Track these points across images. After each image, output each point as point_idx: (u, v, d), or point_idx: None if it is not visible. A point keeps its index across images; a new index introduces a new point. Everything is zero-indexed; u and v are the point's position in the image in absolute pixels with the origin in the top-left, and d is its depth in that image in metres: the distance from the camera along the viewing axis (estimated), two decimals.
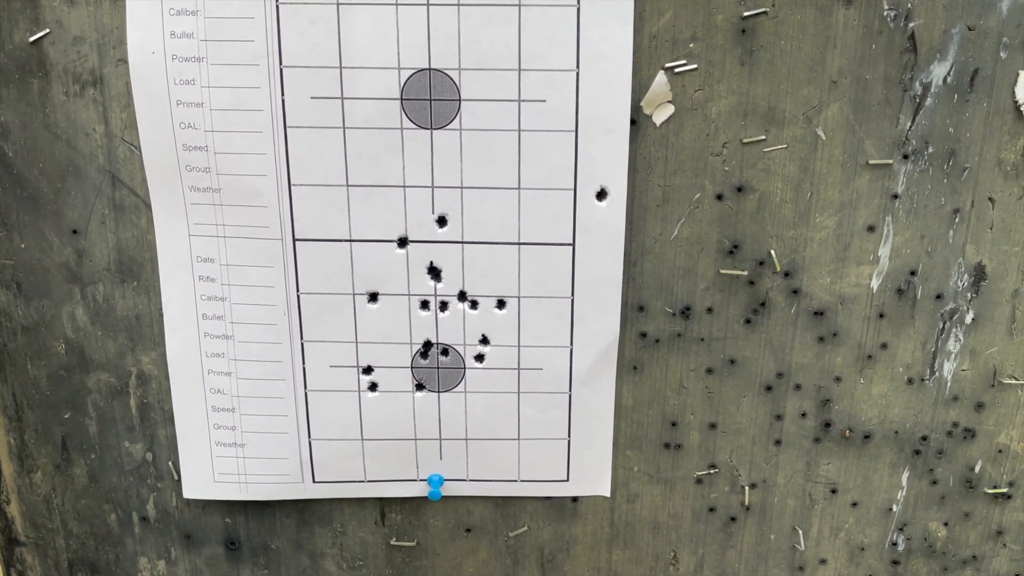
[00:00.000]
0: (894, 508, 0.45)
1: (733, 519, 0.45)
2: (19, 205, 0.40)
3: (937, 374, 0.42)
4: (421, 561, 0.47)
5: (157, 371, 0.43)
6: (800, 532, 0.45)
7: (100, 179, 0.40)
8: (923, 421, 0.43)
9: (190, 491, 0.44)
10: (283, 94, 0.37)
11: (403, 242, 0.40)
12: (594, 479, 0.44)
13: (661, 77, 0.38)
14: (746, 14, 0.37)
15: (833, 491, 0.45)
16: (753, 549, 0.46)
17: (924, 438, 0.44)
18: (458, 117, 0.38)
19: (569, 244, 0.40)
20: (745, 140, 0.39)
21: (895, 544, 0.46)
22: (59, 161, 0.39)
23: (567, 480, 0.44)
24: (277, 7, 0.36)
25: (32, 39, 0.38)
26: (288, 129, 0.38)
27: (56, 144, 0.39)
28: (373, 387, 0.42)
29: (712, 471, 0.44)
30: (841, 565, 0.46)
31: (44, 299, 0.42)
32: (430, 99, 0.38)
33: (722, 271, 0.41)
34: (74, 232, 0.40)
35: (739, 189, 0.39)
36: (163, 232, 0.40)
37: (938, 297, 0.41)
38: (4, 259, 0.41)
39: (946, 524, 0.45)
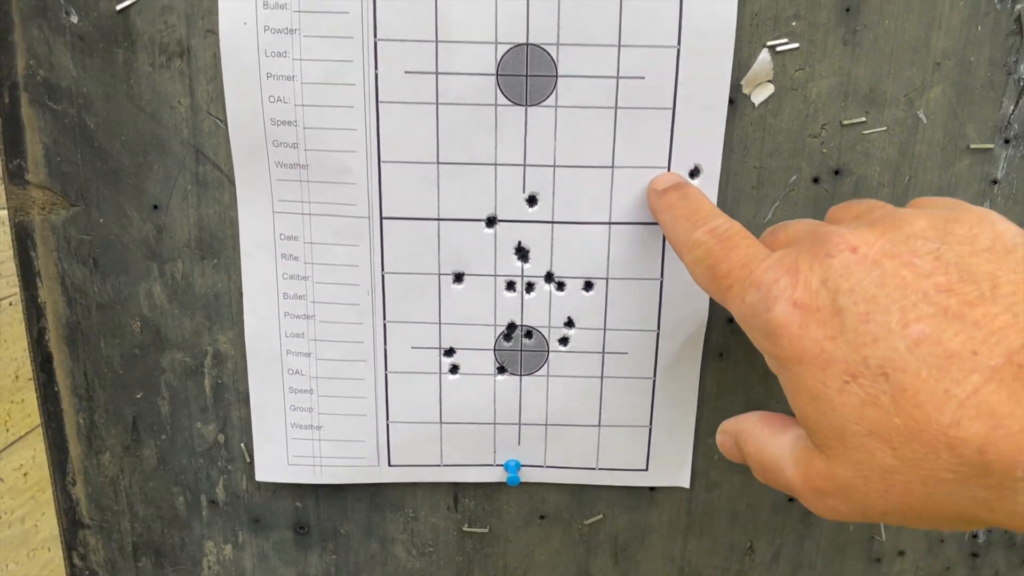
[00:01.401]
0: None
1: None
2: (99, 179, 0.39)
3: None
4: (492, 548, 0.46)
5: (234, 351, 0.42)
6: (881, 523, 0.45)
7: (183, 153, 0.39)
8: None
9: (263, 474, 0.43)
10: (376, 68, 0.37)
11: (491, 221, 0.39)
12: (674, 469, 0.44)
13: (764, 55, 0.37)
14: None
15: None
16: (831, 540, 0.45)
17: None
18: (554, 94, 0.37)
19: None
20: (845, 122, 0.38)
21: (975, 536, 0.45)
22: (142, 134, 0.39)
23: (646, 470, 0.43)
24: None
25: (119, 8, 0.37)
26: (380, 104, 0.37)
27: (139, 117, 0.38)
28: (454, 369, 0.41)
29: None
30: (919, 556, 0.46)
31: (121, 276, 0.41)
32: (526, 75, 0.37)
33: None
34: (155, 207, 0.40)
35: (836, 172, 0.39)
36: (246, 209, 0.39)
37: None
38: (82, 234, 0.40)
39: None
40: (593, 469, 0.43)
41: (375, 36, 0.36)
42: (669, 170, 0.38)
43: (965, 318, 0.24)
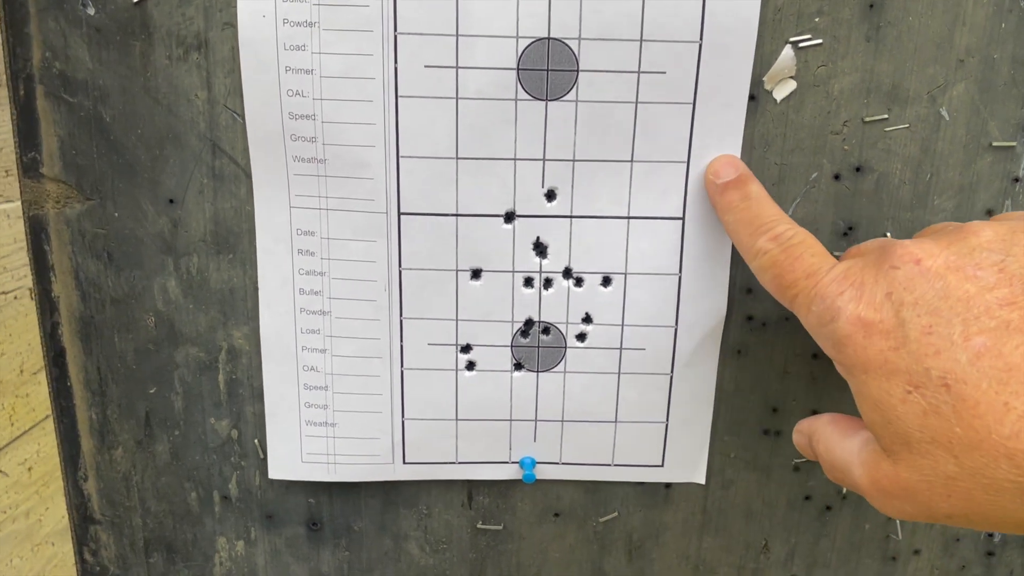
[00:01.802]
0: None
1: (828, 508, 0.44)
2: (115, 172, 0.39)
3: None
4: (506, 545, 0.46)
5: (248, 346, 0.42)
6: (897, 521, 0.45)
7: (200, 147, 0.38)
8: None
9: (276, 471, 0.43)
10: (396, 62, 0.36)
11: (510, 217, 0.39)
12: (690, 465, 0.43)
13: (788, 51, 0.37)
14: None
15: None
16: (847, 538, 0.45)
17: None
18: (575, 88, 0.37)
19: (679, 218, 0.39)
20: (867, 119, 0.38)
21: (991, 535, 0.45)
22: (158, 128, 0.38)
23: (662, 466, 0.43)
24: None
25: (136, 0, 0.36)
26: (400, 99, 0.37)
27: (156, 110, 0.38)
28: (471, 366, 0.41)
29: None
30: (935, 555, 0.46)
31: (136, 270, 0.40)
32: (547, 69, 0.36)
33: (836, 254, 0.39)
34: (170, 201, 0.39)
35: (857, 169, 0.38)
36: (263, 203, 0.39)
37: None
38: (97, 228, 0.40)
39: None
40: (608, 465, 0.43)
41: (395, 30, 0.36)
42: (688, 166, 0.38)
43: None
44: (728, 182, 0.36)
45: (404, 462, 0.43)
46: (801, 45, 0.37)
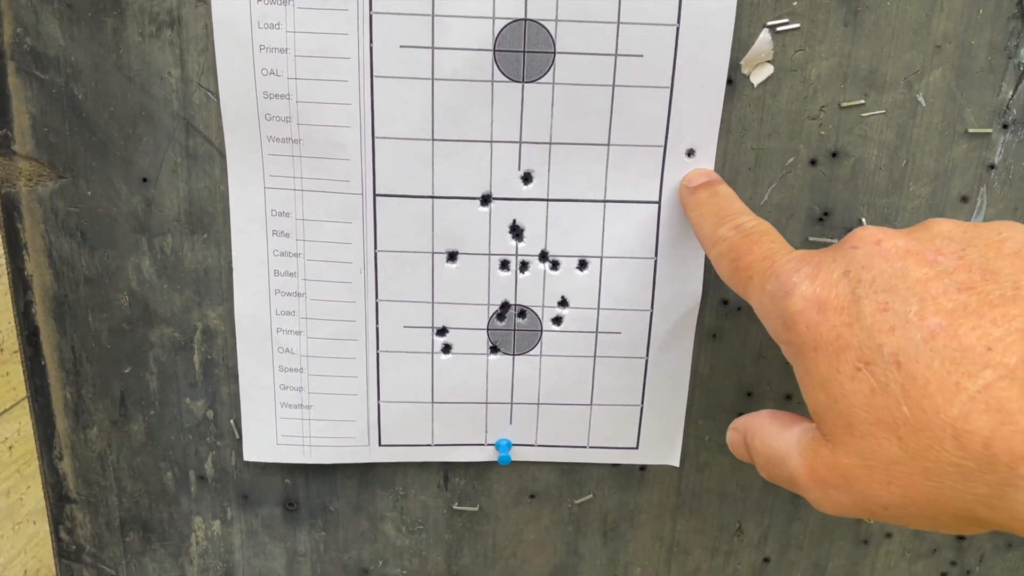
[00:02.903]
0: None
1: None
2: (87, 151, 0.39)
3: None
4: (482, 526, 0.46)
5: (224, 327, 0.41)
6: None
7: (173, 126, 0.38)
8: None
9: (251, 453, 0.43)
10: (371, 42, 0.36)
11: (486, 200, 0.39)
12: (664, 448, 0.44)
13: (765, 35, 0.36)
14: None
15: None
16: (819, 522, 0.46)
17: None
18: (551, 70, 0.37)
19: (655, 202, 0.39)
20: (844, 104, 0.38)
21: None
22: (131, 106, 0.38)
23: (636, 448, 0.43)
24: None
25: None
26: (375, 79, 0.37)
27: (129, 88, 0.38)
28: (447, 349, 0.41)
29: None
30: (907, 539, 0.46)
31: (109, 249, 0.40)
32: (524, 51, 0.36)
33: (811, 239, 0.40)
34: (144, 180, 0.39)
35: (834, 154, 0.38)
36: (237, 183, 0.39)
37: None
38: (69, 207, 0.39)
39: None
40: (584, 448, 0.43)
41: (370, 9, 0.35)
42: (665, 150, 0.38)
43: (983, 316, 0.25)
44: (700, 184, 0.37)
45: (380, 444, 0.43)
46: (779, 29, 0.37)
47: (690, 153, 0.38)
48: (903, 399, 0.25)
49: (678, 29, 0.36)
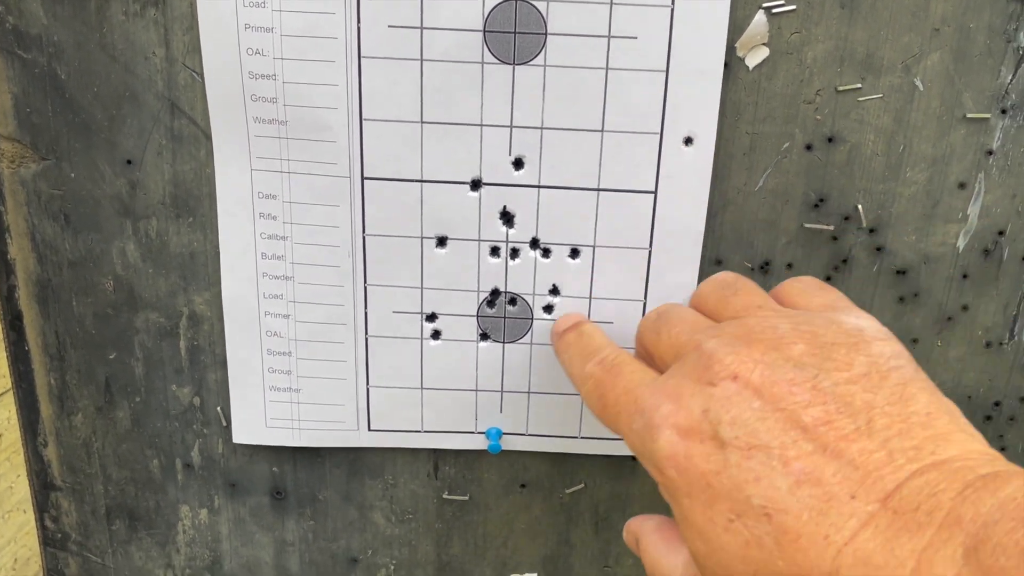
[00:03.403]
0: None
1: None
2: (70, 132, 0.38)
3: (1016, 338, 0.41)
4: (472, 516, 0.45)
5: (210, 312, 0.41)
6: None
7: (158, 107, 0.37)
8: (997, 386, 0.42)
9: (240, 436, 0.43)
10: (359, 21, 0.35)
11: (476, 184, 0.38)
12: None
13: (760, 17, 0.36)
14: None
15: None
16: None
17: (997, 403, 0.43)
18: (543, 52, 0.36)
19: (651, 192, 0.38)
20: (840, 88, 0.37)
21: None
22: (115, 86, 0.37)
23: None
24: None
25: None
26: (362, 59, 0.36)
27: (112, 68, 0.37)
28: (436, 335, 0.41)
29: None
30: None
31: (93, 233, 0.40)
32: (515, 31, 0.36)
33: (806, 225, 0.39)
34: (128, 162, 0.38)
35: (830, 139, 0.38)
36: (223, 166, 0.38)
37: None
38: (52, 189, 0.39)
39: None
40: (575, 438, 0.43)
41: None
42: (661, 138, 0.37)
43: (842, 456, 0.24)
44: (568, 327, 0.37)
45: (369, 429, 0.42)
46: (774, 11, 0.36)
47: (688, 141, 0.37)
48: (778, 553, 0.24)
49: (672, 10, 0.35)
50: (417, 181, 0.38)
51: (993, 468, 0.23)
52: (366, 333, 0.40)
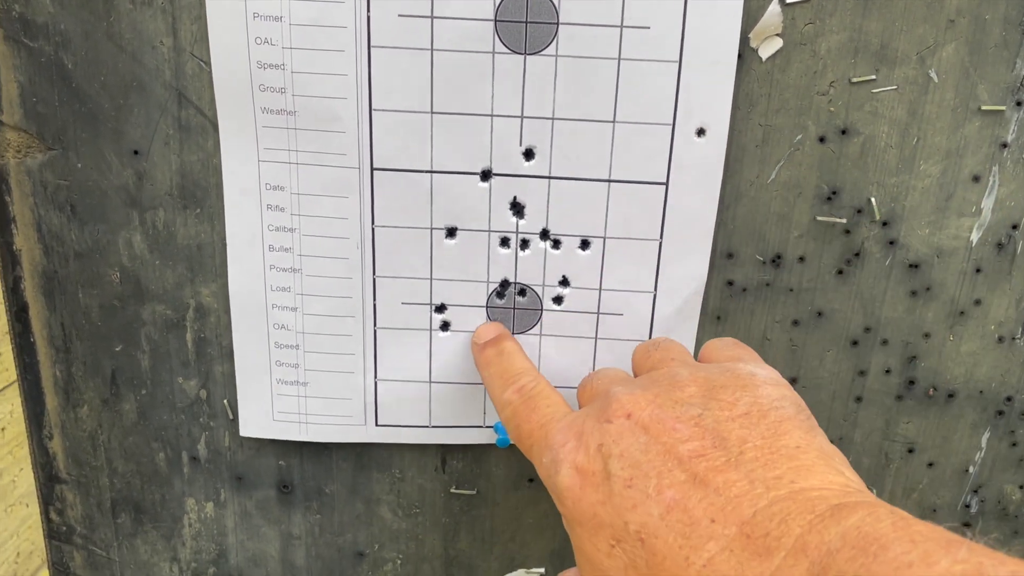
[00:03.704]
0: (971, 470, 0.44)
1: None
2: (77, 122, 0.38)
3: None
4: (480, 510, 0.45)
5: (217, 304, 0.41)
6: (873, 491, 0.44)
7: (165, 96, 0.37)
8: (1009, 381, 0.42)
9: (247, 429, 0.42)
10: (369, 10, 0.35)
11: (486, 175, 0.38)
12: None
13: (774, 7, 0.35)
14: None
15: (910, 450, 0.43)
16: None
17: (1009, 399, 0.42)
18: (554, 42, 0.36)
19: (662, 184, 0.38)
20: (854, 79, 0.37)
21: (968, 506, 0.45)
22: (122, 75, 0.37)
23: None
24: None
25: None
26: (372, 49, 0.35)
27: (120, 57, 0.36)
28: (445, 326, 0.40)
29: None
30: None
31: (100, 223, 0.39)
32: (526, 21, 0.35)
33: (819, 218, 0.39)
34: (135, 153, 0.38)
35: (843, 132, 0.37)
36: (231, 156, 0.38)
37: None
38: (59, 179, 0.38)
39: (1021, 487, 0.44)
40: None
41: None
42: (674, 129, 0.37)
43: (709, 484, 0.26)
44: (487, 341, 0.38)
45: (377, 424, 0.42)
46: (788, 1, 0.36)
47: (700, 132, 0.37)
48: (648, 575, 0.26)
49: (686, 0, 0.35)
50: (427, 172, 0.37)
51: (846, 499, 0.24)
52: (375, 325, 0.40)
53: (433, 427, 0.42)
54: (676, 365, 0.32)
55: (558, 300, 0.40)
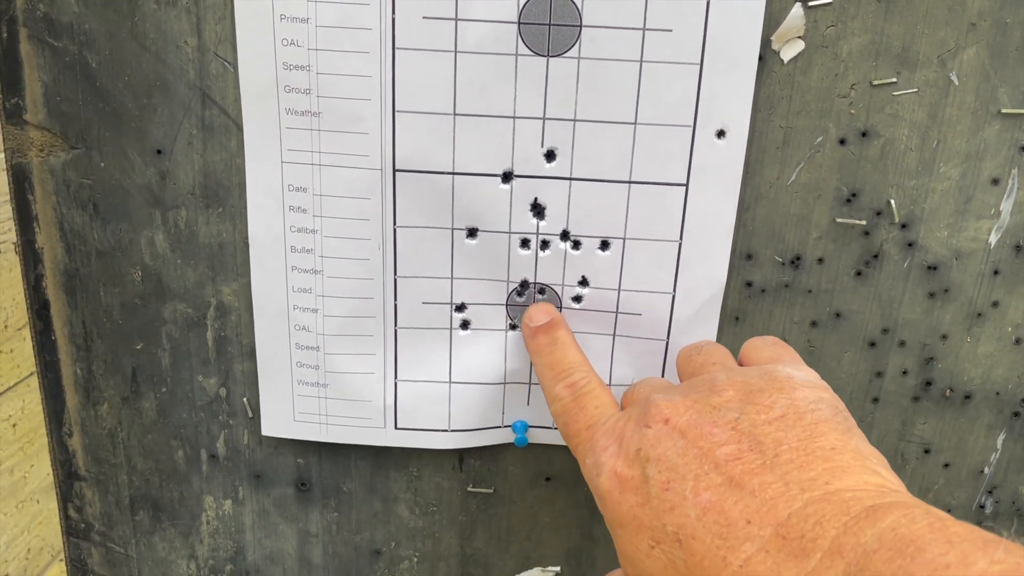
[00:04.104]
0: (986, 470, 0.44)
1: None
2: (101, 121, 0.38)
3: None
4: (497, 509, 0.45)
5: (238, 303, 0.41)
6: None
7: (189, 96, 0.37)
8: None
9: (269, 429, 0.43)
10: (394, 12, 0.35)
11: (507, 177, 0.38)
12: None
13: (797, 10, 0.36)
14: None
15: (926, 451, 0.44)
16: None
17: None
18: (577, 44, 0.36)
19: (683, 185, 0.38)
20: (875, 82, 0.37)
21: (982, 507, 0.45)
22: (146, 75, 0.37)
23: None
24: None
25: None
26: (396, 51, 0.36)
27: (144, 56, 0.37)
28: (465, 325, 0.41)
29: None
30: None
31: (122, 222, 0.39)
32: (549, 23, 0.35)
33: (838, 220, 0.39)
34: (158, 152, 0.38)
35: (864, 134, 0.38)
36: (254, 157, 0.38)
37: None
38: (82, 178, 0.39)
39: None
40: None
41: None
42: (694, 131, 0.37)
43: (745, 487, 0.26)
44: (539, 326, 0.38)
45: (396, 427, 0.42)
46: (811, 4, 0.36)
47: (720, 134, 0.37)
48: (687, 575, 0.26)
49: (708, 3, 0.35)
50: (449, 173, 0.38)
51: (881, 500, 0.24)
52: (395, 325, 0.40)
53: (452, 431, 0.42)
54: (716, 370, 0.33)
55: (577, 299, 0.40)
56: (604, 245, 0.39)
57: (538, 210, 0.38)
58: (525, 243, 0.39)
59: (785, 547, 0.24)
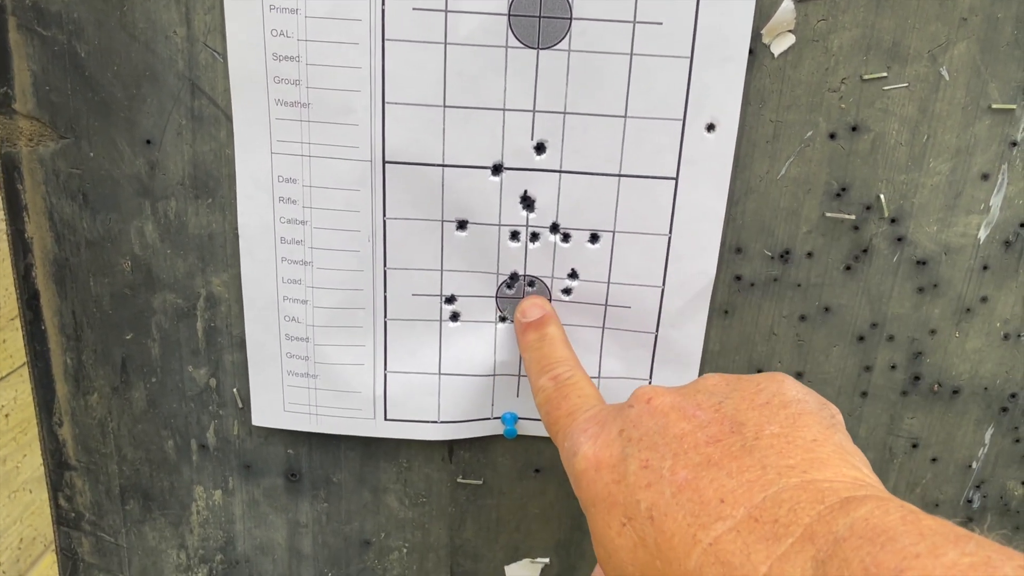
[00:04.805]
0: (974, 465, 0.44)
1: None
2: (89, 111, 0.38)
3: None
4: (486, 500, 0.46)
5: (227, 294, 0.41)
6: None
7: (178, 86, 0.37)
8: (1014, 378, 0.42)
9: (259, 419, 0.43)
10: (383, 3, 0.35)
11: (497, 169, 0.38)
12: None
13: (787, 3, 0.35)
14: None
15: (914, 446, 0.44)
16: None
17: (1013, 396, 0.43)
18: (567, 37, 0.36)
19: (672, 178, 0.38)
20: (865, 76, 0.37)
21: (970, 501, 0.45)
22: (135, 65, 0.37)
23: None
24: None
25: None
26: (386, 42, 0.36)
27: (133, 46, 0.37)
28: (455, 317, 0.41)
29: None
30: None
31: (112, 212, 0.39)
32: (539, 16, 0.35)
33: (827, 214, 0.39)
34: (147, 142, 0.38)
35: (854, 128, 0.38)
36: (243, 147, 0.38)
37: None
38: (71, 168, 0.39)
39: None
40: None
41: None
42: (684, 124, 0.37)
43: (722, 468, 0.26)
44: (531, 322, 0.39)
45: (386, 418, 0.42)
46: None
47: (710, 128, 0.37)
48: (656, 553, 0.26)
49: None
50: (439, 165, 0.38)
51: (856, 492, 0.24)
52: (385, 316, 0.40)
53: (442, 422, 0.43)
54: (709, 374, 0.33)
55: (567, 292, 0.40)
56: (594, 238, 0.39)
57: (528, 202, 0.38)
58: (515, 235, 0.39)
59: (757, 529, 0.24)
